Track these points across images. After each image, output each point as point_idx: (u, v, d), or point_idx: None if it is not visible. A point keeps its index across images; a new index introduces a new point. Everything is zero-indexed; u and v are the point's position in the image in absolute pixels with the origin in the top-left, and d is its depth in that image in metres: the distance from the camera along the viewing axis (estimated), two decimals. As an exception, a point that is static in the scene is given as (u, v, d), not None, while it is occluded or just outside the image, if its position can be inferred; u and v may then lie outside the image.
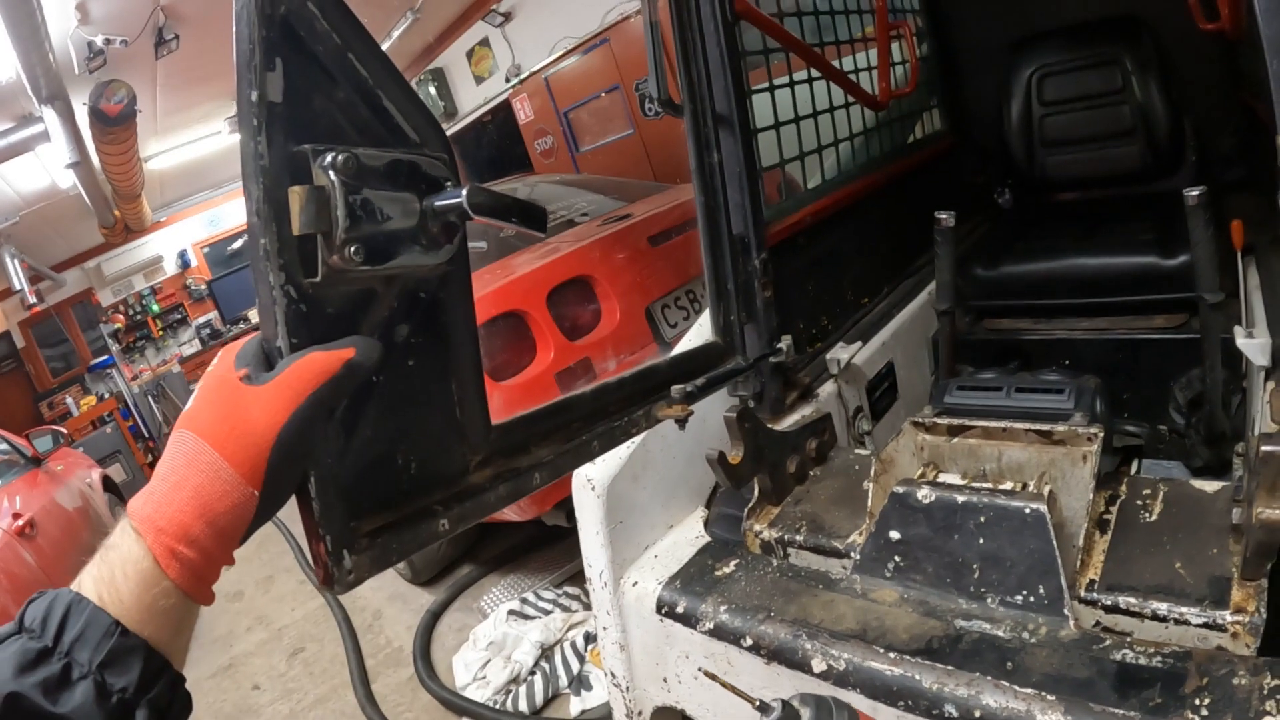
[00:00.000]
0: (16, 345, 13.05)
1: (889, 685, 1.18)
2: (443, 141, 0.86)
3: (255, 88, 0.70)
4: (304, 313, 0.74)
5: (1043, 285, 2.54)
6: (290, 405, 0.67)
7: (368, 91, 0.80)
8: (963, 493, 1.34)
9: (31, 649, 0.59)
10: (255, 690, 3.96)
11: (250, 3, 0.69)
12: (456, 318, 0.91)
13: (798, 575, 1.47)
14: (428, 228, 0.81)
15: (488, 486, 0.98)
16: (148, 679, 0.62)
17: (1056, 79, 2.95)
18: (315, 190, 0.72)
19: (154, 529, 0.64)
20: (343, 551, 0.78)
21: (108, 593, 0.63)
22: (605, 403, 1.27)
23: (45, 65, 5.54)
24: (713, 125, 1.71)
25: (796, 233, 2.08)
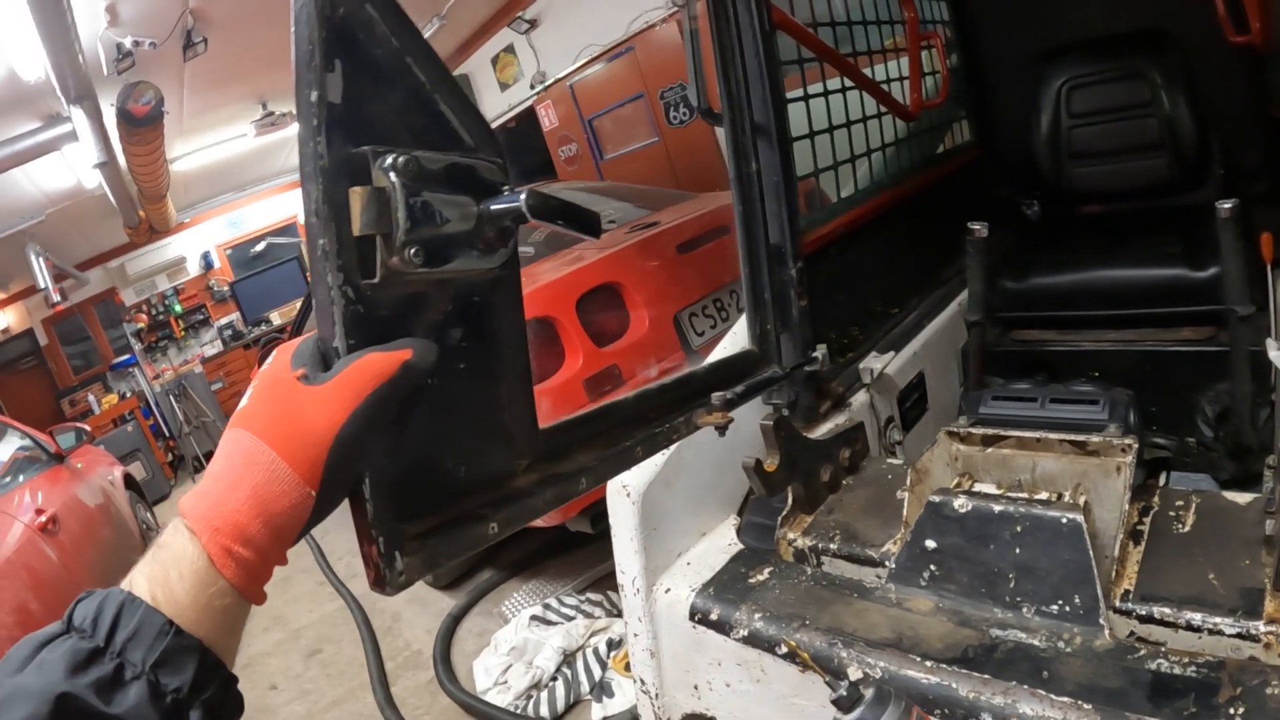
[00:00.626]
0: (39, 342, 13.15)
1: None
2: (496, 146, 0.86)
3: (315, 88, 0.70)
4: (361, 314, 0.73)
5: (1070, 297, 2.53)
6: (350, 405, 0.67)
7: (424, 94, 0.80)
8: (999, 502, 1.34)
9: (83, 649, 0.58)
10: (272, 690, 3.98)
11: (310, 3, 0.69)
12: (506, 322, 0.91)
13: (832, 584, 1.47)
14: (484, 231, 0.81)
15: (535, 491, 0.98)
16: (202, 679, 0.62)
17: (1084, 91, 2.94)
18: (376, 191, 0.72)
19: (210, 528, 0.63)
20: (395, 553, 0.77)
21: (161, 592, 0.62)
22: (647, 409, 1.27)
23: (74, 66, 5.58)
24: (751, 135, 1.72)
25: (829, 243, 2.09)
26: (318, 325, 0.74)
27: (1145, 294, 2.38)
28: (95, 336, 13.45)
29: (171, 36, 6.36)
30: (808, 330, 1.79)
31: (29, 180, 8.55)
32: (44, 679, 0.56)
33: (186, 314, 13.34)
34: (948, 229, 2.43)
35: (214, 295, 13.42)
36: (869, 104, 2.42)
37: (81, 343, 13.48)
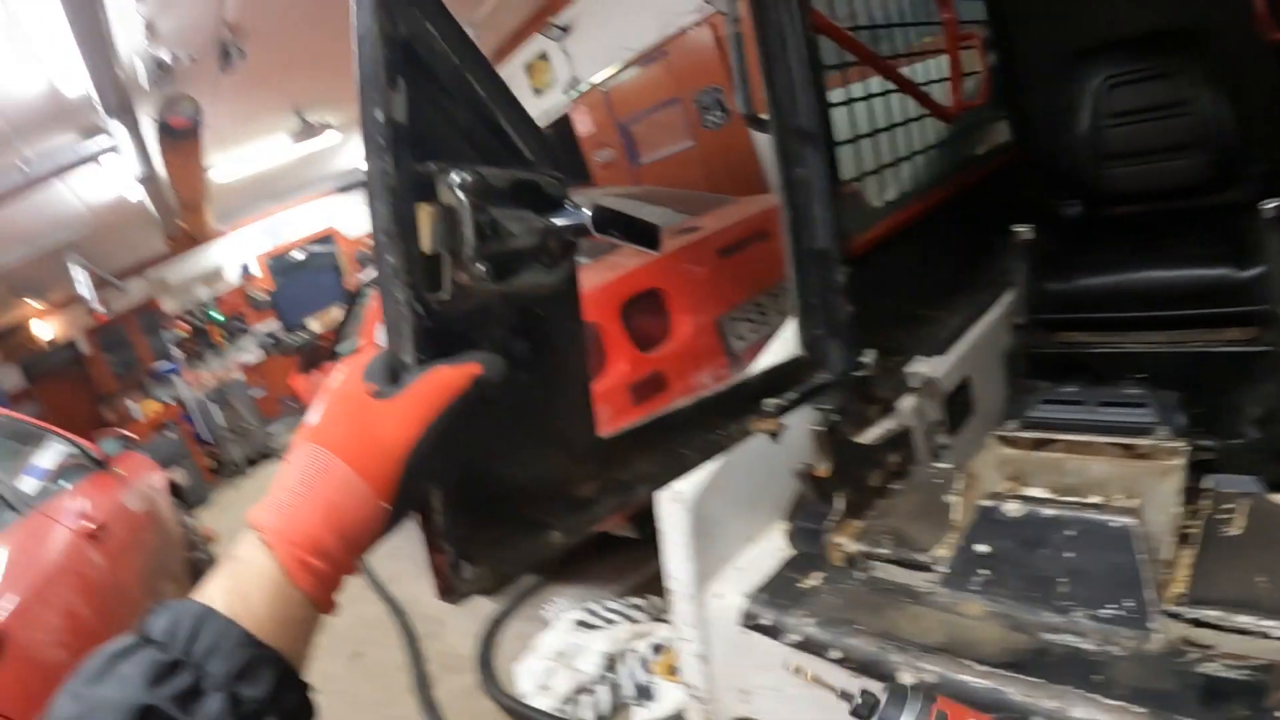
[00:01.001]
0: (82, 351, 13.36)
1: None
2: (554, 160, 0.87)
3: (381, 107, 0.71)
4: (430, 328, 0.74)
5: (1113, 298, 2.51)
6: (424, 420, 0.68)
7: (485, 111, 0.81)
8: (1050, 506, 1.34)
9: (162, 660, 0.58)
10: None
11: (373, 25, 0.70)
12: (567, 333, 0.92)
13: (883, 588, 1.48)
14: (548, 245, 0.82)
15: (597, 499, 0.99)
16: (280, 689, 0.62)
17: (1121, 90, 2.91)
18: (444, 209, 0.73)
19: (285, 541, 0.64)
20: (461, 564, 0.79)
21: (240, 605, 0.62)
22: (703, 416, 1.28)
23: (114, 80, 5.68)
24: (797, 139, 1.72)
25: (874, 247, 2.08)
26: (388, 339, 0.74)
27: (1188, 295, 2.36)
28: (136, 345, 13.64)
29: (208, 50, 6.44)
30: (856, 335, 1.79)
31: (70, 192, 8.69)
32: (124, 691, 0.56)
33: (226, 321, 13.50)
34: (988, 231, 2.43)
35: (253, 303, 13.57)
36: (908, 107, 2.41)
37: (123, 351, 13.68)
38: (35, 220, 9.08)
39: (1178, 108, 2.78)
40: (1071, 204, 3.11)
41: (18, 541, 3.34)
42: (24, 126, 6.63)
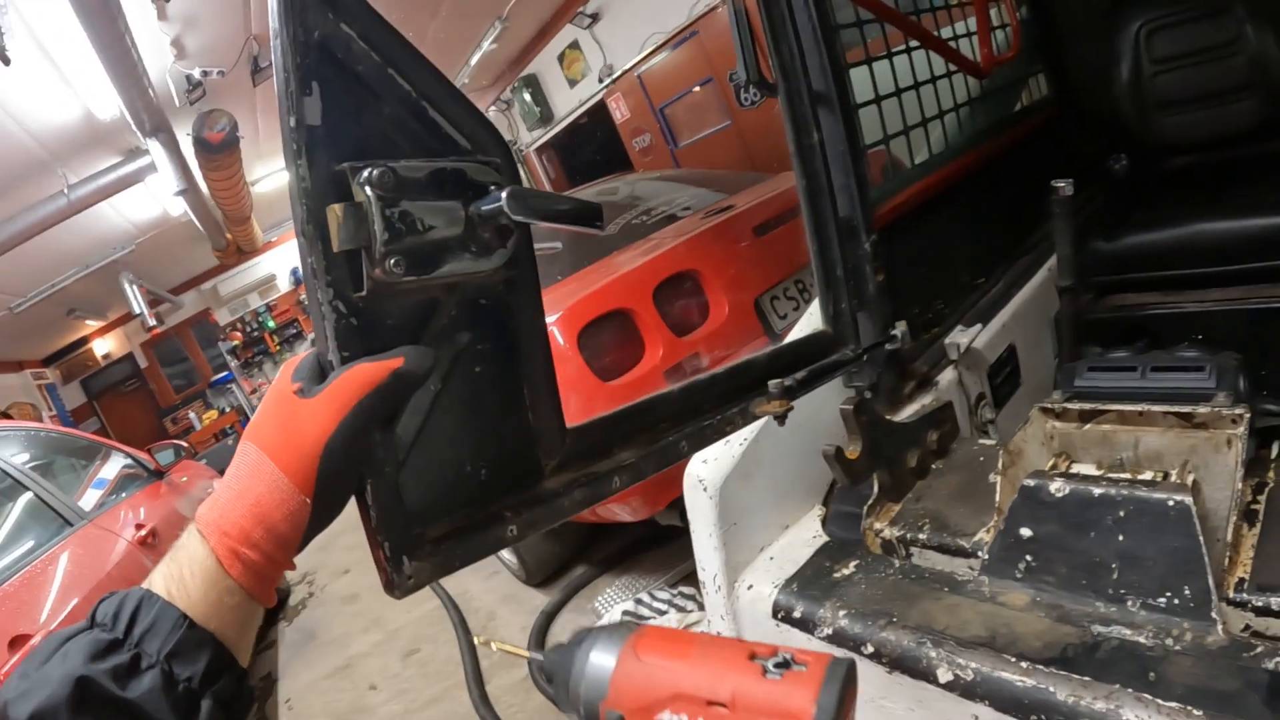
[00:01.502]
0: (140, 365, 13.72)
1: (1020, 697, 1.08)
2: (499, 146, 0.86)
3: (292, 113, 0.71)
4: (355, 326, 0.75)
5: (1168, 256, 2.37)
6: (337, 416, 0.70)
7: (413, 104, 0.80)
8: (1099, 485, 1.22)
9: (103, 639, 0.63)
10: (371, 690, 4.05)
11: (283, 32, 0.70)
12: (524, 322, 0.90)
13: (921, 577, 1.38)
14: (477, 234, 0.81)
15: (562, 492, 0.97)
16: (213, 671, 0.66)
17: (1164, 34, 2.75)
18: (353, 207, 0.73)
19: (218, 532, 0.68)
20: (401, 558, 0.79)
21: (177, 589, 0.67)
22: (696, 401, 1.22)
23: (146, 100, 5.77)
24: (810, 103, 1.63)
25: (904, 213, 1.98)
26: (315, 340, 0.77)
27: (1251, 247, 2.20)
28: (193, 356, 13.98)
29: (239, 63, 6.52)
30: (886, 307, 1.70)
31: (116, 212, 8.89)
32: (66, 666, 0.61)
33: (280, 329, 13.76)
34: (1031, 191, 2.30)
35: (306, 309, 13.78)
36: (937, 65, 2.30)
37: (180, 363, 14.04)
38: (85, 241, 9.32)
39: (1224, 49, 2.62)
40: (1118, 158, 2.97)
41: (74, 552, 3.42)
42: (63, 152, 6.77)
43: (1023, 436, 1.47)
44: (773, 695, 0.60)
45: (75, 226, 7.95)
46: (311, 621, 5.38)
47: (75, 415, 13.25)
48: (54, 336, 13.19)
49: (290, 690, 4.50)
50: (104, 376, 13.78)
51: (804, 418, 1.57)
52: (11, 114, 5.80)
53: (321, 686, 4.30)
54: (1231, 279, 2.28)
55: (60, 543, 3.43)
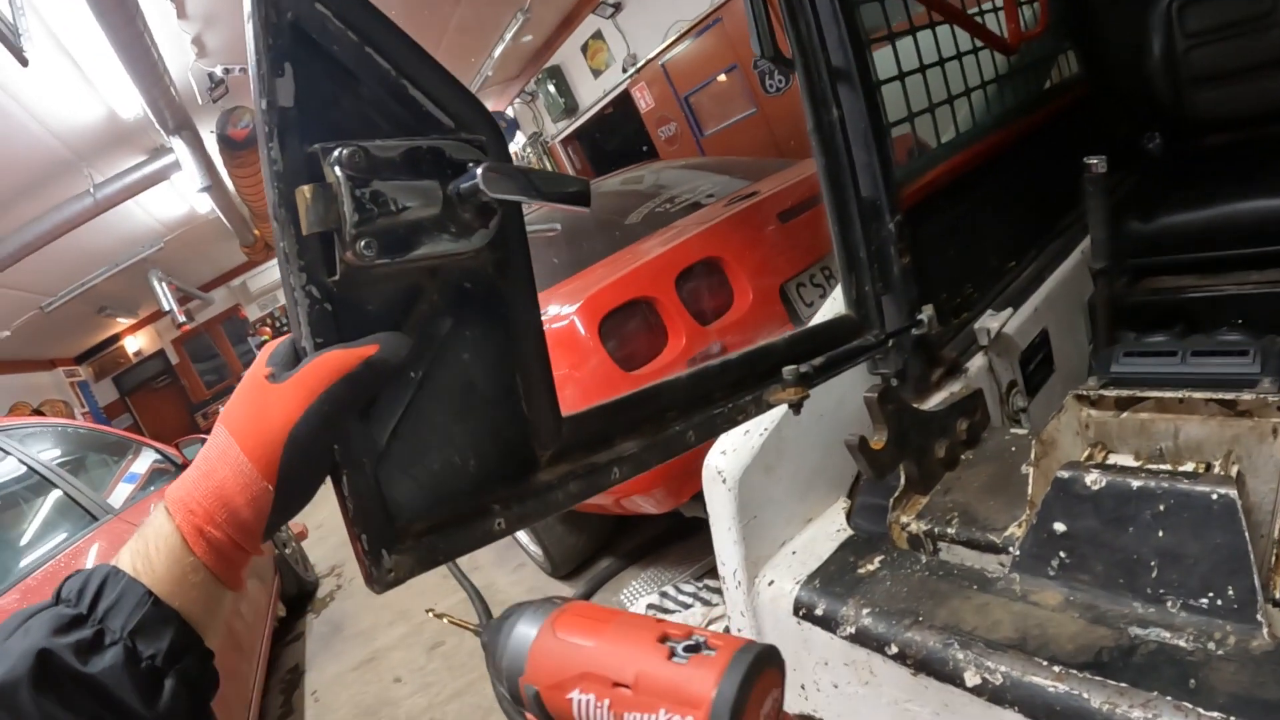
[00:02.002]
0: (171, 361, 13.88)
1: (1052, 704, 1.01)
2: (485, 123, 0.82)
3: (264, 95, 0.70)
4: (329, 312, 0.73)
5: (1206, 236, 2.28)
6: (303, 403, 0.68)
7: (392, 83, 0.77)
8: (1138, 477, 1.14)
9: (66, 614, 0.63)
10: (396, 683, 4.06)
11: (255, 13, 0.69)
12: (514, 307, 0.87)
13: (949, 574, 1.31)
14: (456, 214, 0.78)
15: (557, 484, 0.94)
16: (177, 649, 0.65)
17: (1197, 7, 2.65)
18: (322, 188, 0.70)
19: (184, 509, 0.67)
20: (380, 551, 0.77)
21: (142, 565, 0.66)
22: (706, 389, 1.17)
23: (168, 99, 5.81)
24: (829, 80, 1.57)
25: (932, 194, 1.91)
26: (289, 326, 0.74)
27: (1294, 227, 2.12)
28: (224, 352, 14.13)
29: (261, 61, 6.54)
30: (913, 291, 1.63)
31: (144, 211, 8.97)
32: (27, 641, 0.60)
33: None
34: (1063, 170, 2.23)
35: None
36: (963, 43, 2.23)
37: (211, 359, 14.20)
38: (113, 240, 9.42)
39: (1260, 21, 2.51)
40: (1151, 136, 2.88)
41: (99, 546, 3.41)
42: (87, 152, 6.82)
43: (1056, 425, 1.41)
44: (675, 679, 0.59)
45: (103, 225, 8.04)
46: (339, 614, 5.40)
47: (108, 412, 13.42)
48: (85, 334, 13.36)
49: (317, 682, 4.53)
50: (136, 373, 13.96)
51: (827, 407, 1.51)
52: (35, 115, 5.85)
53: (348, 679, 4.32)
54: (1273, 260, 2.19)
55: (85, 537, 3.43)
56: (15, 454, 3.65)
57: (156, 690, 0.63)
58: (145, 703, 0.62)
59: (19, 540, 3.34)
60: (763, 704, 0.59)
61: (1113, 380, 1.61)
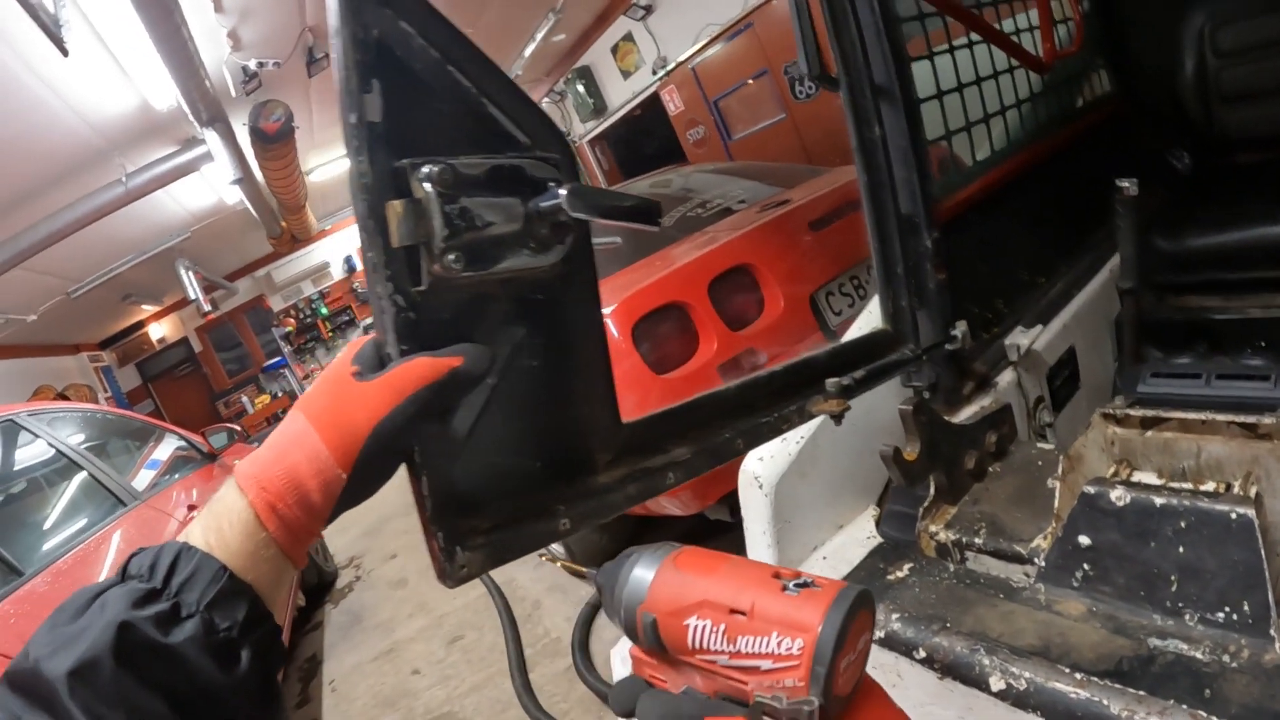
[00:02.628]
0: (194, 349, 13.97)
1: (1073, 710, 1.06)
2: (558, 142, 0.86)
3: (353, 110, 0.72)
4: (413, 319, 0.76)
5: (1234, 258, 2.29)
6: (390, 403, 0.72)
7: (472, 100, 0.80)
8: (1161, 494, 1.18)
9: (141, 588, 0.63)
10: (414, 675, 4.08)
11: (343, 30, 0.71)
12: (579, 317, 0.90)
13: (975, 582, 1.35)
14: (535, 230, 0.81)
15: (615, 486, 0.97)
16: (251, 622, 0.67)
17: (1230, 27, 2.66)
18: (412, 203, 0.74)
19: (256, 486, 0.69)
20: (455, 548, 0.80)
21: (215, 540, 0.67)
22: (752, 398, 1.21)
23: (203, 91, 5.86)
24: (872, 97, 1.60)
25: (965, 209, 1.95)
26: (375, 331, 0.77)
27: (1320, 254, 2.14)
28: (247, 341, 14.21)
29: (294, 55, 6.60)
30: (947, 306, 1.67)
31: (173, 200, 9.04)
32: (106, 614, 0.60)
33: (333, 315, 13.94)
34: (1092, 188, 2.26)
35: (358, 297, 14.01)
36: (998, 59, 2.26)
37: (234, 348, 14.28)
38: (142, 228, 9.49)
39: (1293, 43, 2.54)
40: (1183, 155, 2.90)
41: (126, 531, 3.48)
42: (120, 141, 6.89)
43: (1083, 442, 1.45)
44: (787, 608, 0.63)
45: (132, 214, 8.10)
46: (358, 605, 5.44)
47: (130, 398, 13.53)
48: (110, 321, 13.46)
49: (335, 672, 4.56)
50: (159, 360, 14.06)
51: (859, 415, 1.55)
52: (71, 105, 5.91)
53: (366, 669, 4.35)
54: (1299, 286, 2.21)
55: (114, 521, 3.48)
56: (45, 437, 3.70)
57: (233, 661, 0.65)
58: (224, 672, 0.64)
59: (51, 523, 3.39)
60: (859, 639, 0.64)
61: (1138, 399, 1.64)
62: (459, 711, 3.58)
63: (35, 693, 0.58)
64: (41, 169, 6.74)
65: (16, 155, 6.24)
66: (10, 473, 3.56)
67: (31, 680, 0.58)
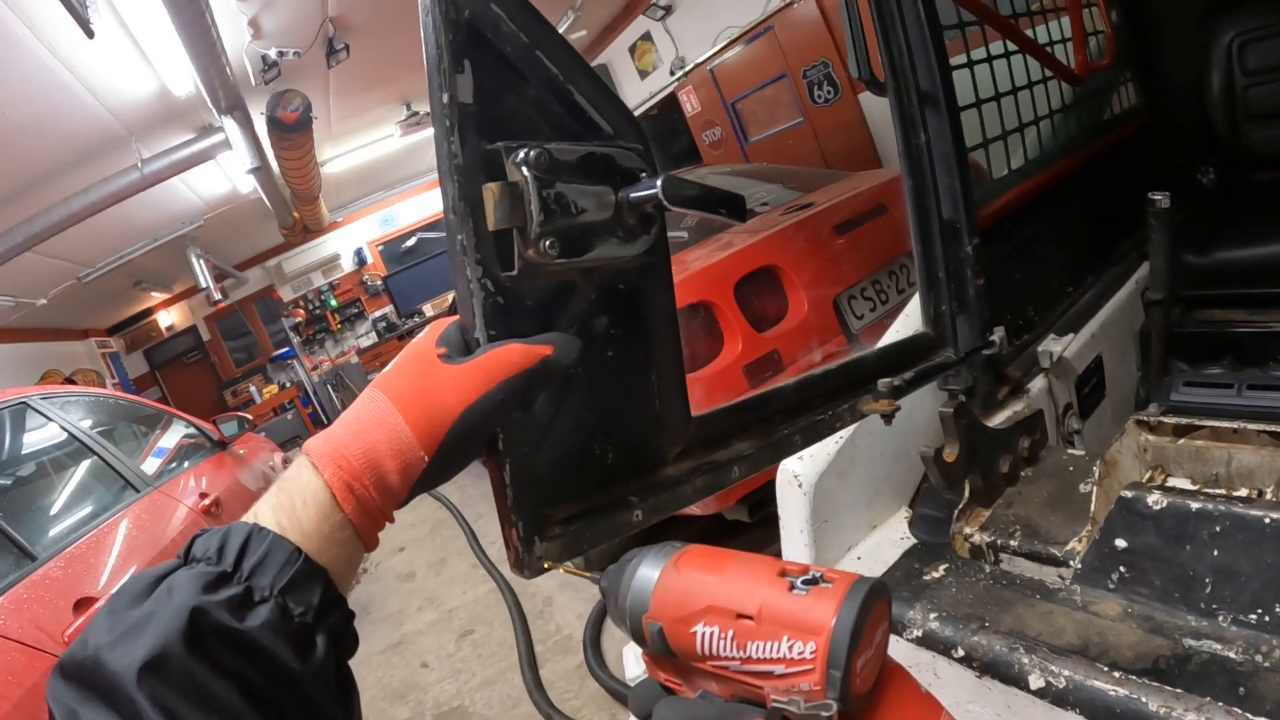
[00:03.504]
0: (202, 338, 13.99)
1: (1112, 707, 1.08)
2: (637, 132, 0.86)
3: (445, 90, 0.72)
4: (501, 305, 0.76)
5: (1261, 272, 2.31)
6: (481, 389, 0.70)
7: (558, 86, 0.80)
8: (1197, 499, 1.22)
9: (211, 572, 0.60)
10: (424, 668, 4.10)
11: (434, 8, 0.71)
12: (656, 309, 0.91)
13: (1012, 583, 1.37)
14: (624, 219, 0.82)
15: (685, 479, 0.97)
16: (326, 606, 0.64)
17: (1258, 46, 2.69)
18: (509, 186, 0.74)
19: (333, 465, 0.67)
20: (534, 538, 0.80)
21: (287, 520, 0.65)
22: (808, 396, 1.22)
23: (223, 79, 5.88)
24: (918, 104, 1.62)
25: (1002, 217, 1.96)
26: (459, 314, 0.77)
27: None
28: (255, 331, 14.22)
29: (314, 46, 6.61)
30: (985, 311, 1.68)
31: (187, 187, 9.05)
32: (175, 599, 0.57)
33: (342, 308, 13.96)
34: (1120, 200, 2.28)
35: (368, 289, 14.01)
36: (1032, 70, 2.27)
37: (242, 337, 14.30)
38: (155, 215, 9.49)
39: (1319, 64, 2.55)
40: (1208, 170, 2.91)
41: (138, 517, 3.51)
42: (138, 127, 6.89)
43: (1118, 448, 1.47)
44: (796, 609, 0.61)
45: (147, 200, 8.10)
46: (366, 597, 5.45)
47: (137, 384, 13.55)
48: (120, 307, 13.48)
49: (342, 663, 4.56)
50: (167, 347, 14.08)
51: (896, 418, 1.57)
52: (91, 88, 5.92)
53: (374, 661, 4.36)
54: (1326, 302, 2.23)
55: (126, 508, 3.50)
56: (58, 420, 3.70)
57: (309, 647, 0.62)
58: (300, 659, 0.60)
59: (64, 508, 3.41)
60: (875, 633, 0.62)
61: (1172, 408, 1.66)
62: (470, 706, 3.59)
63: (94, 683, 0.55)
64: (58, 152, 6.74)
65: (35, 137, 6.24)
66: (25, 455, 3.58)
67: (92, 670, 0.55)
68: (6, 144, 6.09)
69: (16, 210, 7.17)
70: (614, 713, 3.11)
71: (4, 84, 5.24)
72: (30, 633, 2.39)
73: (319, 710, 0.61)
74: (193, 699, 0.54)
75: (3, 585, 2.52)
